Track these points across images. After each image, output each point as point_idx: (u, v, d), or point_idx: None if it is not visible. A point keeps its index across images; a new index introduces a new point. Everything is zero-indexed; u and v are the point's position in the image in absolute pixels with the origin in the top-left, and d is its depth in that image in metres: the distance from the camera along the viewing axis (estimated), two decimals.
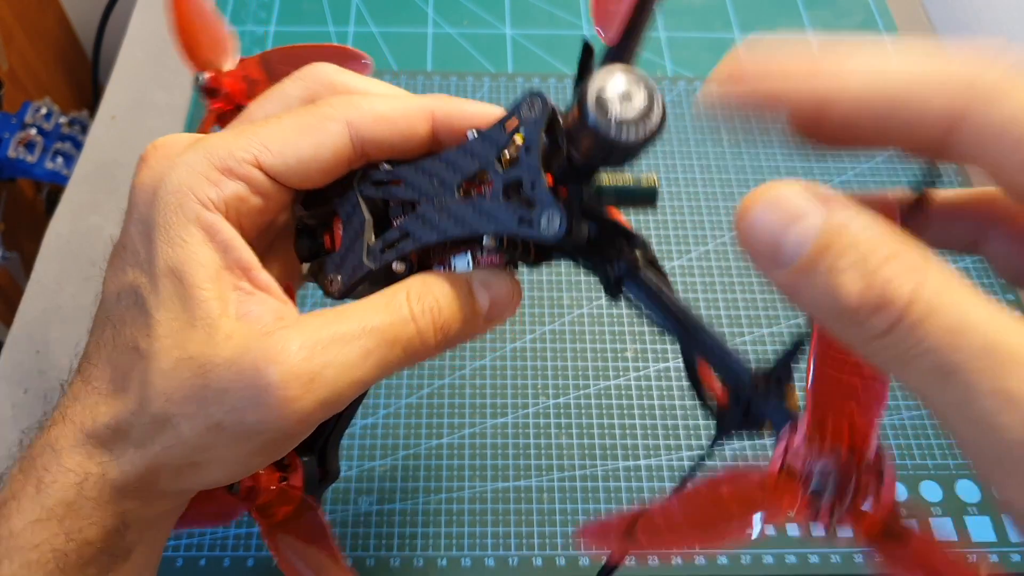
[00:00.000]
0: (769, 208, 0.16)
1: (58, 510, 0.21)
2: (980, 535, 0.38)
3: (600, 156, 0.20)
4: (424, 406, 0.41)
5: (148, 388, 0.20)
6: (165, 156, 0.22)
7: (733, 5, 0.62)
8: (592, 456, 0.40)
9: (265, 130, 0.22)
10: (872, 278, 0.15)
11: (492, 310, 0.23)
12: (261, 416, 0.20)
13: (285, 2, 0.60)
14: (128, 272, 0.22)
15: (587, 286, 0.46)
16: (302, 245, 0.25)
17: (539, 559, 0.37)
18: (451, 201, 0.23)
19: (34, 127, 0.73)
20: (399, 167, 0.24)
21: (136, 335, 0.21)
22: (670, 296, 0.22)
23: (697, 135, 0.53)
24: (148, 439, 0.21)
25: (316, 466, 0.28)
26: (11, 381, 0.42)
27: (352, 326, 0.21)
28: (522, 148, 0.22)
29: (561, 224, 0.21)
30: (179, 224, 0.21)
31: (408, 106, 0.23)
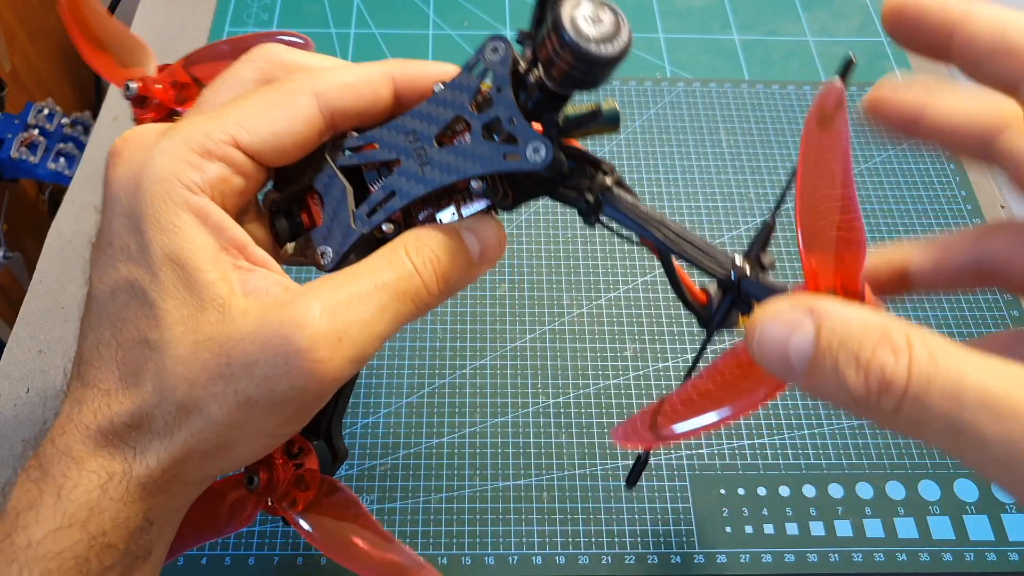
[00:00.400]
0: (769, 327, 0.19)
1: (80, 515, 0.21)
2: (978, 534, 0.39)
3: (577, 77, 0.21)
4: (424, 405, 0.42)
5: (168, 377, 0.21)
6: (140, 147, 0.22)
7: (732, 7, 0.62)
8: (592, 455, 0.40)
9: (237, 110, 0.22)
10: (869, 369, 0.17)
11: (483, 254, 0.24)
12: (294, 381, 0.20)
13: (286, 4, 0.60)
14: (120, 268, 0.22)
15: (587, 286, 0.46)
16: (282, 226, 0.25)
17: (539, 558, 0.37)
18: (432, 152, 0.23)
19: (36, 128, 0.73)
20: (370, 131, 0.24)
21: (143, 329, 0.21)
22: (647, 209, 0.24)
23: (697, 135, 0.53)
24: (174, 428, 0.21)
25: (327, 449, 0.28)
26: (13, 380, 0.42)
27: (365, 285, 0.21)
28: (493, 89, 0.23)
29: (548, 152, 0.22)
30: (170, 211, 0.21)
31: (369, 72, 0.24)
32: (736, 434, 0.41)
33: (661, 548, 0.38)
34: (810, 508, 0.39)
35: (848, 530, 0.39)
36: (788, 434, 0.41)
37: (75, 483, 0.21)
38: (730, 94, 0.55)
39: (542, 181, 0.24)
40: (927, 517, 0.39)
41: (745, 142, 0.53)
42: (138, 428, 0.21)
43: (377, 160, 0.24)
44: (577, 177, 0.24)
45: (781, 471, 0.40)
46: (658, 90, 0.55)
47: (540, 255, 0.47)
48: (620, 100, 0.55)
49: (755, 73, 0.57)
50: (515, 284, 0.46)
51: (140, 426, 0.21)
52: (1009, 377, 0.16)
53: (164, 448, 0.21)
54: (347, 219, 0.24)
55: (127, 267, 0.21)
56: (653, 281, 0.46)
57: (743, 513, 0.39)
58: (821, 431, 0.42)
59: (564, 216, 0.49)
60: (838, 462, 0.41)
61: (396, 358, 0.43)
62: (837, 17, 0.61)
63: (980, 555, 0.38)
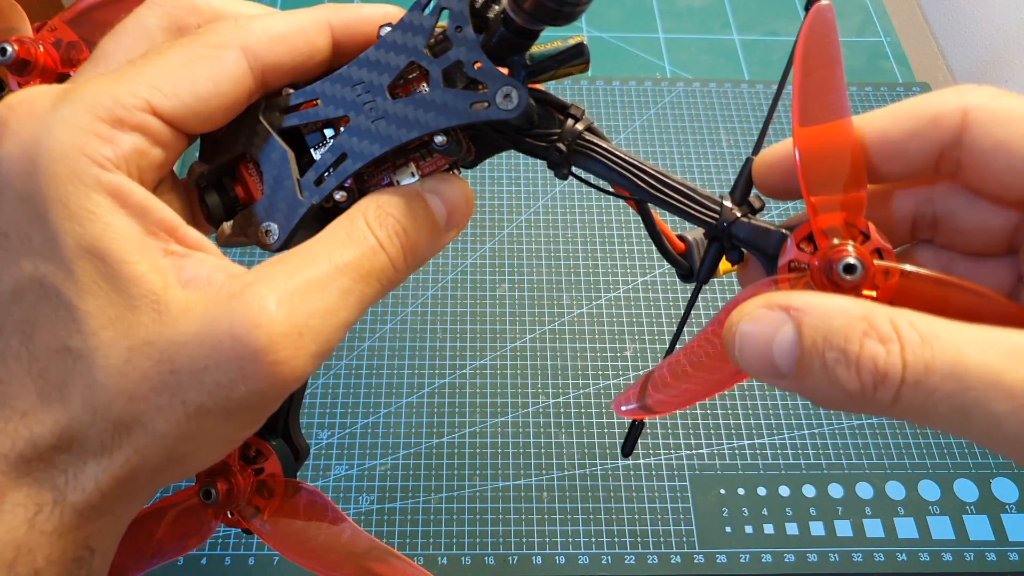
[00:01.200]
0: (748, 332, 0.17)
1: (7, 555, 0.18)
2: (978, 534, 0.39)
3: (552, 7, 0.18)
4: (424, 405, 0.42)
5: (99, 391, 0.18)
6: (31, 116, 0.18)
7: (731, 7, 0.62)
8: (592, 455, 0.40)
9: (150, 69, 0.19)
10: (860, 364, 0.16)
11: (451, 218, 0.22)
12: (252, 386, 0.18)
13: (287, 5, 0.60)
14: (23, 264, 0.18)
15: (587, 286, 0.46)
16: (214, 202, 0.21)
17: (539, 557, 0.37)
18: (385, 105, 0.20)
19: None
20: (310, 86, 0.21)
21: (61, 335, 0.18)
22: (623, 153, 0.22)
23: (696, 135, 0.53)
24: (113, 446, 0.18)
25: (286, 447, 0.26)
26: None
27: (324, 267, 0.19)
28: (451, 29, 0.20)
29: (521, 97, 0.20)
30: (79, 194, 0.17)
31: (303, 20, 0.21)
32: (736, 434, 0.41)
33: (661, 548, 0.38)
34: (810, 508, 0.39)
35: (848, 530, 0.39)
36: (788, 434, 0.41)
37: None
38: (730, 94, 0.55)
39: (508, 132, 0.22)
40: (927, 517, 0.39)
41: (745, 142, 0.53)
42: (68, 450, 0.18)
43: (321, 119, 0.21)
44: (545, 125, 0.22)
45: (781, 471, 0.40)
46: (658, 90, 0.55)
47: (540, 255, 0.47)
48: (620, 100, 0.55)
49: (755, 73, 0.57)
50: (515, 284, 0.46)
51: (71, 447, 0.18)
52: (1012, 349, 0.15)
53: (103, 470, 0.18)
54: (292, 189, 0.21)
55: (31, 262, 0.18)
56: (653, 281, 0.46)
57: (743, 513, 0.39)
58: (821, 431, 0.42)
59: (564, 216, 0.49)
60: (838, 462, 0.41)
61: (396, 358, 0.43)
62: (837, 17, 0.61)
63: (980, 555, 0.38)
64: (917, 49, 0.60)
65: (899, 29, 0.61)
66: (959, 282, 0.18)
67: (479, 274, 0.46)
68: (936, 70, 0.59)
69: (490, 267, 0.46)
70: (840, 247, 0.18)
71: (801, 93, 0.20)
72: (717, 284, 0.47)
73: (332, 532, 0.25)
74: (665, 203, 0.22)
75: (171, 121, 0.19)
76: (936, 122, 0.19)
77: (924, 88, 0.56)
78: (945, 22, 0.64)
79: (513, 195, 0.50)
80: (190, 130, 0.20)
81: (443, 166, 0.22)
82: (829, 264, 0.18)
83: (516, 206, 0.49)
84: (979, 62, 0.59)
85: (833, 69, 0.20)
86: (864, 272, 0.18)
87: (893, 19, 0.62)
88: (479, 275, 0.46)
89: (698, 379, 0.21)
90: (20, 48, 0.24)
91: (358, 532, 0.25)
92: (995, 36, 0.58)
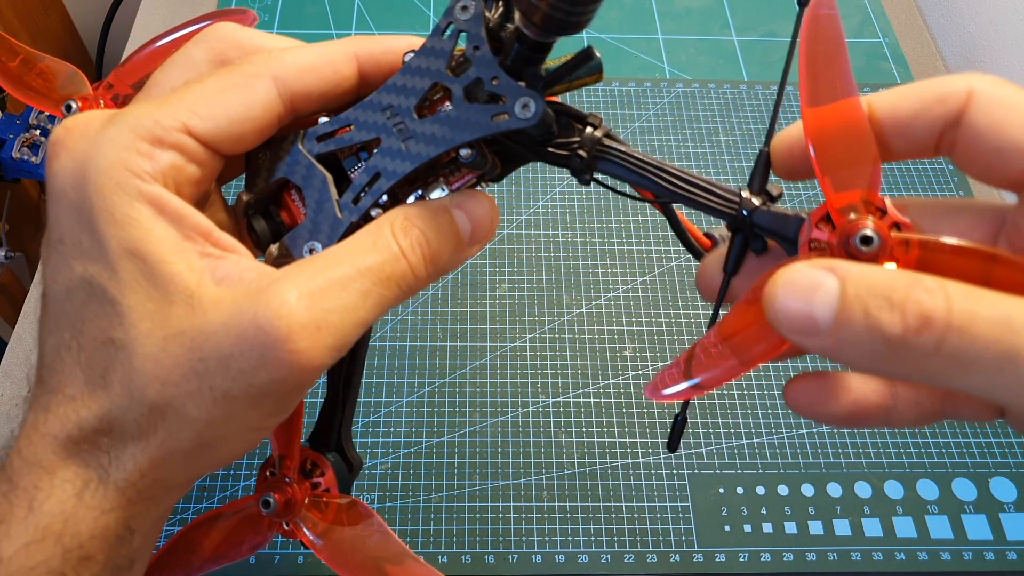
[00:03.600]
0: (788, 291, 0.17)
1: (55, 527, 0.20)
2: (976, 533, 0.39)
3: (560, 18, 0.19)
4: (425, 404, 0.42)
5: (137, 377, 0.19)
6: (83, 136, 0.20)
7: (730, 8, 0.62)
8: (591, 454, 0.40)
9: (189, 94, 0.21)
10: (905, 306, 0.16)
11: (475, 232, 0.23)
12: (272, 373, 0.19)
13: (286, 5, 0.60)
14: (74, 265, 0.20)
15: (587, 286, 0.46)
16: (262, 227, 0.23)
17: (538, 556, 0.38)
18: (413, 125, 0.22)
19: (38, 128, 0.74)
20: (342, 114, 0.23)
21: (106, 327, 0.20)
22: (642, 155, 0.23)
23: (696, 136, 0.53)
24: (149, 430, 0.20)
25: (341, 461, 0.27)
26: (15, 380, 0.42)
27: (346, 269, 0.20)
28: (469, 49, 0.21)
29: (538, 106, 0.21)
30: (123, 203, 0.19)
31: (331, 51, 0.23)
32: (735, 433, 0.41)
33: (660, 547, 0.38)
34: (809, 507, 0.39)
35: (847, 529, 0.39)
36: (787, 433, 0.42)
37: (48, 494, 0.20)
38: (729, 95, 0.56)
39: (530, 143, 0.23)
40: (925, 516, 0.39)
41: (744, 143, 0.53)
42: (110, 433, 0.20)
43: (355, 143, 0.22)
44: (565, 135, 0.23)
45: (780, 470, 0.40)
46: (657, 91, 0.56)
47: (540, 255, 0.47)
48: (619, 101, 0.55)
49: (754, 74, 0.58)
50: (515, 284, 0.46)
51: (112, 430, 0.20)
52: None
53: (140, 451, 0.20)
54: (332, 209, 0.22)
55: (81, 264, 0.20)
56: (653, 281, 0.47)
57: (742, 512, 0.39)
58: (820, 430, 0.42)
59: (564, 216, 0.49)
60: (836, 461, 0.41)
61: (396, 358, 0.43)
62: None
63: (978, 554, 0.38)
64: (915, 50, 0.60)
65: (898, 30, 0.61)
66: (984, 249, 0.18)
67: (479, 274, 0.46)
68: (935, 71, 0.60)
69: (490, 267, 0.47)
70: (857, 221, 0.19)
71: (808, 75, 0.20)
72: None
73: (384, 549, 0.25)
74: (688, 199, 0.23)
75: (206, 141, 0.21)
76: (942, 101, 0.20)
77: None
78: (944, 23, 0.64)
79: (513, 195, 0.50)
80: (223, 150, 0.22)
81: (471, 180, 0.23)
82: (846, 238, 0.19)
83: (516, 206, 0.49)
84: (977, 63, 0.60)
85: (838, 49, 0.20)
86: (882, 243, 0.18)
87: (892, 20, 0.62)
88: (479, 275, 0.46)
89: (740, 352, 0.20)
90: (84, 104, 0.27)
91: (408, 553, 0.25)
92: (993, 37, 0.59)
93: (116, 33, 0.84)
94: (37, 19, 0.84)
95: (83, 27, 0.94)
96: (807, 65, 0.20)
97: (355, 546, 0.25)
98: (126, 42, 0.58)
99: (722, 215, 0.22)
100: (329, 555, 0.25)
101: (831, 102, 0.20)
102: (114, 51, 0.81)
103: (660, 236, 0.48)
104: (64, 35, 0.91)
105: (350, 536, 0.25)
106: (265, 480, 0.26)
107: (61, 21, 0.91)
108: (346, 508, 0.26)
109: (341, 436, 0.27)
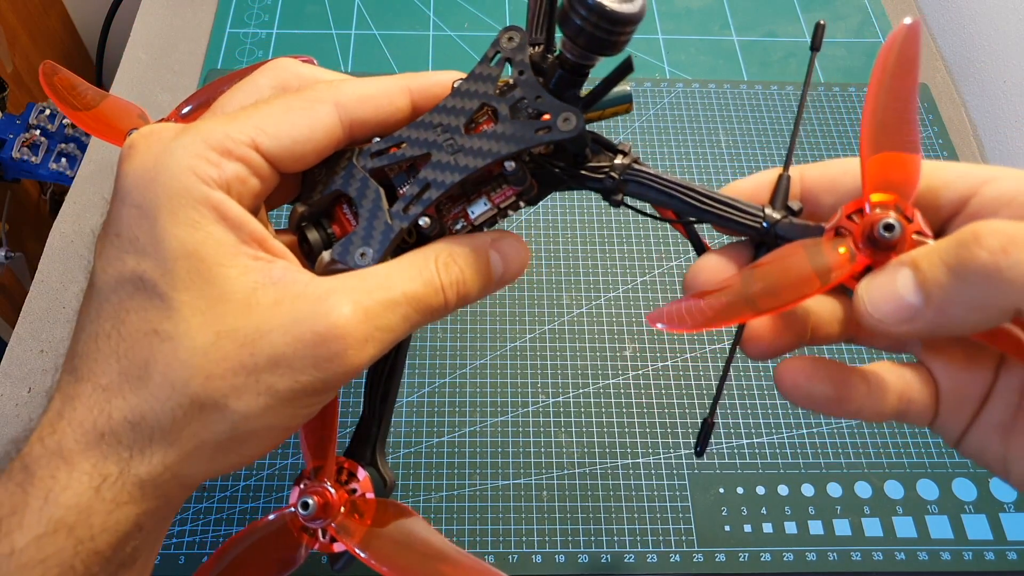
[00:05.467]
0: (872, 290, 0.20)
1: (68, 519, 0.20)
2: (976, 533, 0.39)
3: (601, 38, 0.22)
4: (425, 404, 0.42)
5: (180, 368, 0.20)
6: (157, 141, 0.22)
7: (730, 8, 0.62)
8: (591, 454, 0.40)
9: (258, 113, 0.23)
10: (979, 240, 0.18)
11: (505, 273, 0.25)
12: (320, 374, 0.21)
13: (286, 5, 0.60)
14: (127, 259, 0.21)
15: (587, 286, 0.46)
16: (315, 237, 0.25)
17: (538, 556, 0.38)
18: (462, 140, 0.24)
19: (38, 128, 0.74)
20: (395, 133, 0.24)
21: (152, 319, 0.21)
22: (670, 176, 0.25)
23: (696, 136, 0.53)
24: (183, 422, 0.21)
25: (378, 476, 0.27)
26: (15, 380, 0.42)
27: (395, 294, 0.22)
28: (515, 74, 0.24)
29: (579, 120, 0.23)
30: (188, 205, 0.21)
31: (387, 84, 0.24)
32: (735, 433, 0.41)
33: (660, 547, 0.38)
34: (809, 507, 0.39)
35: (847, 529, 0.39)
36: (787, 433, 0.42)
37: (64, 485, 0.20)
38: (729, 95, 0.56)
39: (566, 166, 0.25)
40: (925, 516, 0.39)
41: (744, 143, 0.53)
42: (140, 425, 0.21)
43: (406, 158, 0.24)
44: (598, 161, 0.25)
45: (780, 470, 0.40)
46: (657, 91, 0.56)
47: (540, 255, 0.47)
48: None
49: (754, 74, 0.58)
50: (515, 284, 0.46)
51: (143, 422, 0.21)
52: None
53: (170, 444, 0.21)
54: (384, 218, 0.24)
55: (135, 259, 0.21)
56: (653, 281, 0.47)
57: (742, 512, 0.39)
58: (820, 430, 0.42)
59: (564, 216, 0.49)
60: (836, 461, 0.41)
61: None
62: (836, 18, 0.62)
63: (978, 554, 0.38)
64: None
65: None
66: None
67: None
68: (935, 71, 0.59)
69: None
70: (883, 213, 0.21)
71: (873, 120, 0.22)
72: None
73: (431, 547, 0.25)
74: (715, 216, 0.24)
75: (269, 157, 0.23)
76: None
77: (923, 88, 0.56)
78: (944, 23, 0.64)
79: None
80: (284, 168, 0.23)
81: (511, 197, 0.25)
82: (871, 225, 0.21)
83: None
84: (977, 63, 0.60)
85: (910, 96, 0.22)
86: (902, 233, 0.20)
87: (892, 20, 0.62)
88: None
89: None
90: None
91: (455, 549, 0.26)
92: (994, 37, 0.59)
93: (116, 33, 0.84)
94: (37, 19, 0.84)
95: (83, 27, 0.94)
96: (873, 109, 0.22)
97: (400, 546, 0.25)
98: (126, 42, 0.58)
99: (746, 229, 0.24)
100: (375, 557, 0.25)
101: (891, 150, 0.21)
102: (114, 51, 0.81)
103: (660, 236, 0.48)
104: (64, 35, 0.91)
105: (393, 537, 0.25)
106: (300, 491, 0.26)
107: (61, 21, 0.91)
108: (385, 509, 0.26)
109: (376, 451, 0.28)
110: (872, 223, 0.20)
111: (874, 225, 0.20)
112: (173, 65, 0.56)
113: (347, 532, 0.25)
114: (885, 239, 0.20)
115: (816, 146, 0.53)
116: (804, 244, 0.22)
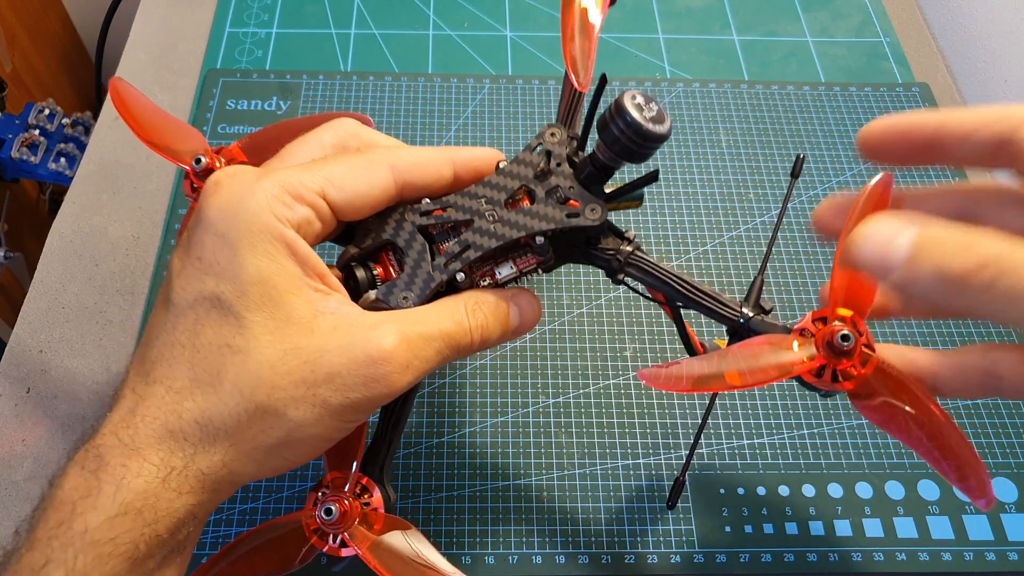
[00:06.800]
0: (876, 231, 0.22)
1: (137, 503, 0.23)
2: (977, 534, 0.39)
3: (633, 149, 0.26)
4: (425, 404, 0.42)
5: (250, 378, 0.24)
6: (241, 182, 0.25)
7: (731, 7, 0.62)
8: (592, 455, 0.40)
9: (327, 167, 0.26)
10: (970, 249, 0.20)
11: (521, 324, 0.29)
12: (367, 392, 0.24)
13: (286, 5, 0.60)
14: (207, 281, 0.24)
15: (586, 286, 0.46)
16: (363, 276, 0.28)
17: (539, 557, 0.38)
18: (502, 213, 0.28)
19: (37, 128, 0.74)
20: (444, 197, 0.28)
21: (224, 335, 0.24)
22: (665, 268, 0.29)
23: (695, 136, 0.53)
24: (245, 426, 0.24)
25: (384, 491, 0.30)
26: (14, 380, 0.42)
27: (432, 329, 0.26)
28: (552, 165, 0.28)
29: (604, 211, 0.27)
30: (265, 239, 0.24)
31: (435, 154, 0.28)
32: (736, 434, 0.41)
33: (661, 547, 0.38)
34: (809, 508, 0.39)
35: (847, 530, 0.39)
36: (788, 434, 0.42)
37: (136, 473, 0.23)
38: (730, 94, 0.56)
39: (582, 245, 0.29)
40: (926, 517, 0.39)
41: (745, 142, 0.53)
42: (206, 425, 0.24)
43: (452, 221, 0.28)
44: (607, 243, 0.29)
45: (781, 471, 0.40)
46: (658, 91, 0.56)
47: None
48: None
49: (755, 74, 0.58)
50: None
51: (209, 424, 0.24)
52: None
53: (231, 444, 0.24)
54: (427, 269, 0.28)
55: (214, 281, 0.24)
56: None
57: (743, 512, 0.39)
58: (820, 431, 0.42)
59: None
60: (837, 462, 0.41)
61: None
62: (836, 18, 0.61)
63: (979, 554, 0.38)
64: (916, 49, 0.60)
65: (898, 29, 0.61)
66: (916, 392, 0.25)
67: None
68: (935, 70, 0.59)
69: None
70: (841, 326, 0.26)
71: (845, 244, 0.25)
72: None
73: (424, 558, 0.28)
74: (698, 304, 0.29)
75: (333, 206, 0.26)
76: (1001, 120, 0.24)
77: (923, 88, 0.56)
78: (944, 22, 0.64)
79: None
80: (344, 216, 0.27)
81: (532, 264, 0.29)
82: (832, 332, 0.25)
83: None
84: (978, 62, 0.60)
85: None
86: (855, 344, 0.25)
87: (892, 19, 0.62)
88: None
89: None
90: (209, 161, 0.33)
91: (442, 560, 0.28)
92: (994, 36, 0.59)
93: (115, 33, 0.84)
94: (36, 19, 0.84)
95: (83, 27, 0.94)
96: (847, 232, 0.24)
97: (401, 558, 0.28)
98: (125, 42, 0.58)
99: (724, 320, 0.28)
100: (379, 565, 0.27)
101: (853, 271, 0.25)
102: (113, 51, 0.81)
103: (660, 236, 0.48)
104: (63, 35, 0.91)
105: (395, 548, 0.28)
106: (317, 499, 0.29)
107: (61, 21, 0.91)
108: (392, 524, 0.29)
109: (383, 470, 0.31)
110: (833, 332, 0.25)
111: (834, 334, 0.25)
112: (172, 65, 0.56)
113: (357, 540, 0.28)
114: (842, 346, 0.25)
115: (816, 146, 0.53)
116: (770, 340, 0.26)
